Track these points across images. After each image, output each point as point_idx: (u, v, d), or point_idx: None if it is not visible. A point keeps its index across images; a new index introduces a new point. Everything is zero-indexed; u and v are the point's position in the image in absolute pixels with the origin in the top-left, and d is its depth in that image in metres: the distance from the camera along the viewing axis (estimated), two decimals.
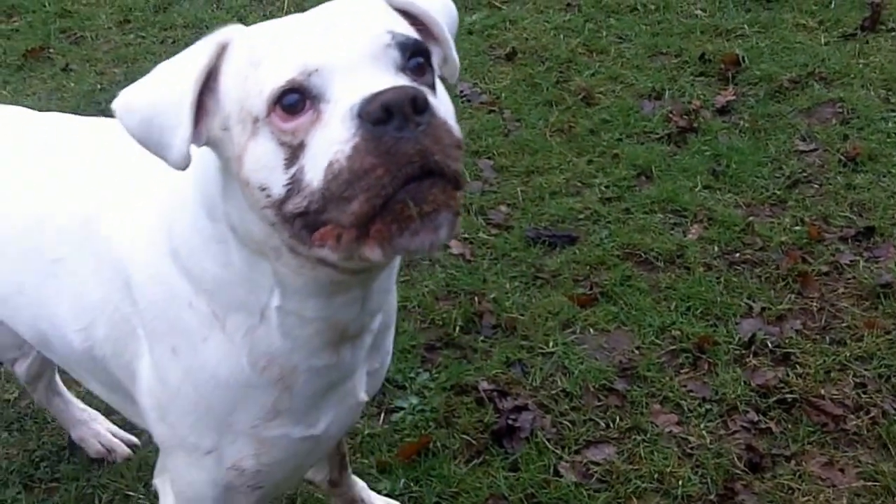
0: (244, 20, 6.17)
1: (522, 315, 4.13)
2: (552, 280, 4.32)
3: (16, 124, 2.77)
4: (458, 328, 4.08)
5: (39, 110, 2.88)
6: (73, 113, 2.86)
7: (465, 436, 3.65)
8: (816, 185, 4.86)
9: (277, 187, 1.79)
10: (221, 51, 1.89)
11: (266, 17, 6.23)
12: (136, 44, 6.27)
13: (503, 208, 4.74)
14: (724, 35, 6.06)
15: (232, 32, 1.91)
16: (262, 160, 1.81)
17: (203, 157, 2.00)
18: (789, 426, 3.70)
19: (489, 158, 5.08)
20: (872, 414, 3.74)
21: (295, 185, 1.77)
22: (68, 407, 3.64)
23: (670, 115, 5.35)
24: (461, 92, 5.55)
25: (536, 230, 4.57)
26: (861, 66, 5.71)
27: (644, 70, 5.75)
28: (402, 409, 3.74)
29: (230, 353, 2.16)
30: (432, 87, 1.88)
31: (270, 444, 2.28)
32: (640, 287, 4.27)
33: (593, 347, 4.01)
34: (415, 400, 3.76)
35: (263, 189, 1.82)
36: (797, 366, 3.93)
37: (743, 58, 5.79)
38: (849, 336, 4.06)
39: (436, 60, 1.98)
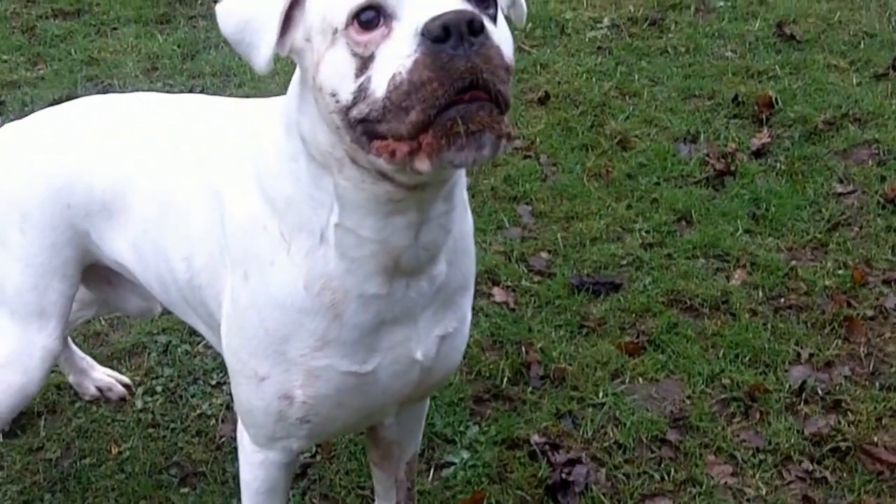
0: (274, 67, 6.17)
1: (570, 365, 4.11)
2: (598, 328, 4.30)
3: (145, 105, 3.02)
4: (505, 379, 4.05)
5: None
6: None
7: (518, 491, 3.61)
8: (856, 228, 4.84)
9: (346, 94, 1.98)
10: None
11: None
12: (164, 91, 6.23)
13: (544, 255, 4.72)
14: (756, 77, 6.05)
15: None
16: (337, 67, 2.00)
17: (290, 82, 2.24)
18: (844, 475, 3.67)
19: (527, 204, 5.07)
20: None
21: (361, 92, 1.96)
22: (72, 355, 3.88)
23: (707, 159, 5.34)
24: None
25: (580, 277, 4.55)
26: (894, 106, 5.70)
27: (678, 113, 5.74)
28: (453, 464, 3.70)
29: (290, 276, 2.31)
30: (494, 18, 2.05)
31: (317, 374, 2.40)
32: (686, 334, 4.25)
33: (643, 397, 3.99)
34: (465, 454, 3.72)
35: (334, 95, 2.00)
36: (848, 413, 3.90)
37: (776, 99, 5.78)
38: None
39: (503, 1, 2.19)
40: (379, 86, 1.93)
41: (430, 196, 2.19)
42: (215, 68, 6.40)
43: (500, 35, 2.04)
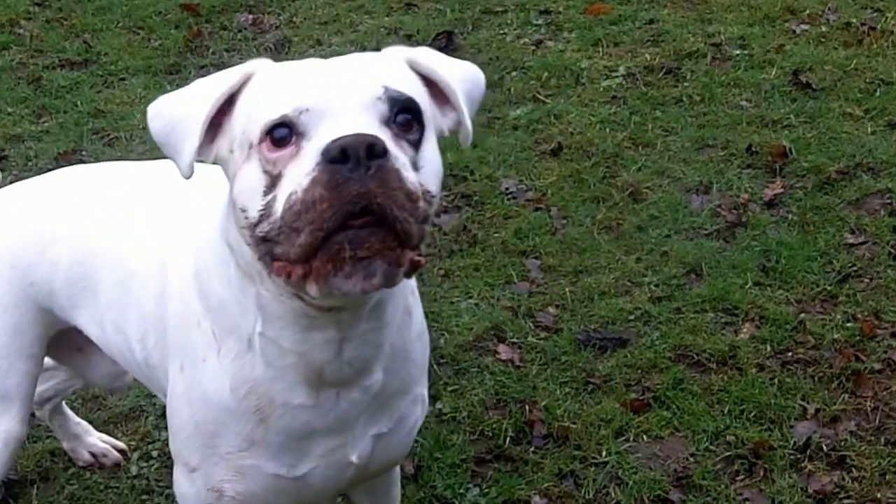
0: None
1: (574, 423, 4.10)
2: (604, 385, 4.29)
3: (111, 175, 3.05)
4: (508, 439, 4.05)
5: None
6: None
7: None
8: (867, 280, 4.82)
9: (254, 211, 1.98)
10: (246, 79, 2.11)
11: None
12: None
13: (552, 310, 4.72)
14: (771, 126, 6.04)
15: (258, 65, 2.13)
16: (248, 183, 2.00)
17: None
18: None
19: (536, 258, 5.07)
20: None
21: (266, 210, 1.96)
22: (66, 422, 3.88)
23: (719, 210, 5.33)
24: (506, 189, 5.55)
25: (587, 333, 4.55)
26: None
27: (691, 163, 5.74)
28: None
29: (219, 376, 2.33)
30: (417, 144, 2.02)
31: (244, 472, 2.41)
32: (692, 391, 4.24)
33: (647, 456, 3.98)
34: None
35: (244, 211, 2.01)
36: (853, 469, 3.89)
37: (790, 149, 5.76)
38: None
39: (445, 123, 2.20)
40: (280, 204, 1.94)
41: (347, 317, 2.18)
42: None
43: (425, 160, 2.03)
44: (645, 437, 4.06)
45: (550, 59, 6.84)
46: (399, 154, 1.95)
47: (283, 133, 1.96)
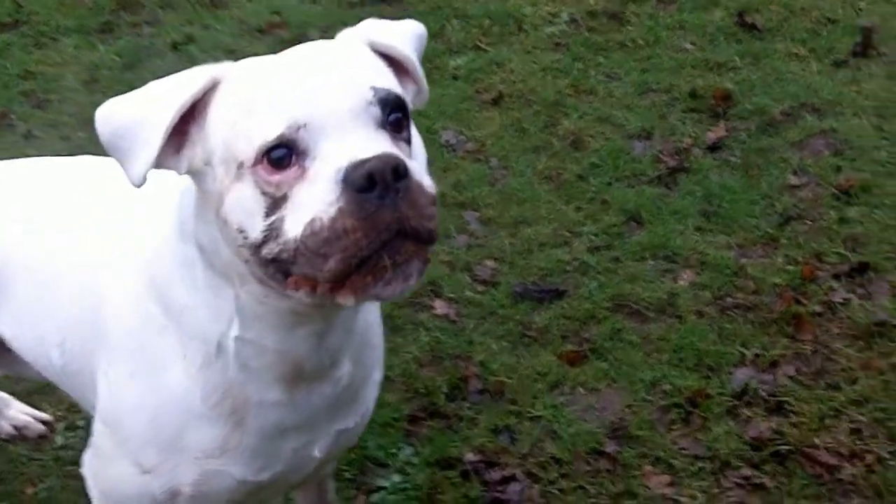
0: None
1: (510, 378, 4.05)
2: (540, 338, 4.24)
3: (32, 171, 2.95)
4: (443, 396, 4.00)
5: None
6: None
7: None
8: (809, 222, 4.78)
9: (255, 232, 1.90)
10: (212, 85, 1.98)
11: None
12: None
13: (490, 263, 4.65)
14: (715, 69, 5.96)
15: (225, 70, 2.00)
16: (244, 204, 1.91)
17: (179, 181, 2.11)
18: (784, 480, 3.63)
19: (475, 210, 4.99)
20: (868, 461, 3.67)
21: (272, 232, 1.88)
22: None
23: (661, 156, 5.27)
24: (446, 141, 5.47)
25: (524, 285, 4.49)
26: (854, 94, 5.62)
27: (634, 109, 5.66)
28: (383, 488, 3.64)
29: (186, 384, 2.25)
30: (409, 140, 2.01)
31: (211, 476, 2.34)
32: (630, 340, 4.20)
33: (583, 408, 3.94)
34: (397, 478, 3.67)
35: (241, 231, 1.92)
36: (791, 414, 3.86)
37: (734, 92, 5.70)
38: (843, 379, 3.99)
39: (409, 97, 2.12)
40: (292, 227, 1.86)
41: (339, 311, 2.15)
42: (159, 77, 6.20)
43: (419, 159, 2.06)
44: (581, 389, 4.02)
45: (492, 6, 6.72)
46: (414, 166, 1.91)
47: (281, 153, 1.87)
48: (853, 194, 4.89)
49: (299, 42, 2.08)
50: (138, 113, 1.99)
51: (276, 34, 6.54)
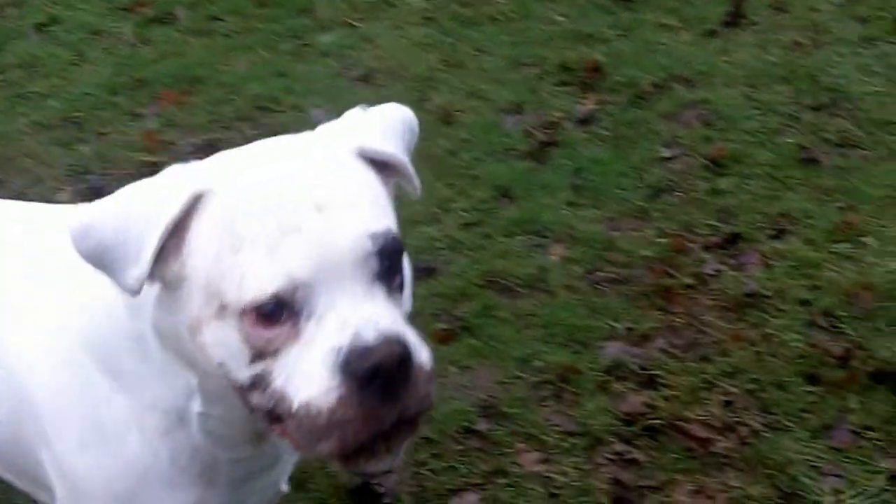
0: (83, 55, 5.99)
1: None
2: (412, 317, 4.15)
3: None
4: None
5: None
6: None
7: (321, 498, 3.49)
8: (680, 193, 4.76)
9: (239, 374, 1.80)
10: (195, 200, 1.81)
11: (106, 52, 6.03)
12: None
13: None
14: (586, 41, 5.92)
15: (207, 182, 1.81)
16: (225, 345, 1.79)
17: None
18: (656, 454, 3.61)
19: None
20: (741, 433, 3.67)
21: (260, 382, 1.79)
22: None
23: (531, 130, 5.22)
24: (316, 120, 5.28)
25: None
26: (724, 64, 5.62)
27: (505, 83, 5.61)
28: None
29: (149, 453, 2.12)
30: (402, 285, 1.89)
31: None
32: (501, 317, 4.15)
33: (454, 387, 3.87)
34: None
35: (222, 366, 1.82)
36: (663, 388, 3.85)
37: (604, 64, 5.66)
38: (715, 351, 3.98)
39: (389, 188, 2.01)
40: (287, 391, 1.77)
41: None
42: (22, 59, 5.99)
43: (405, 295, 1.92)
44: (453, 367, 3.95)
45: None
46: (413, 343, 1.82)
47: (272, 308, 1.74)
48: (724, 165, 4.89)
49: (164, 22, 1.91)
50: (120, 233, 1.82)
51: (142, 13, 6.37)
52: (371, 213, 1.85)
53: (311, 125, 4.79)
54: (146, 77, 5.79)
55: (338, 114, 2.01)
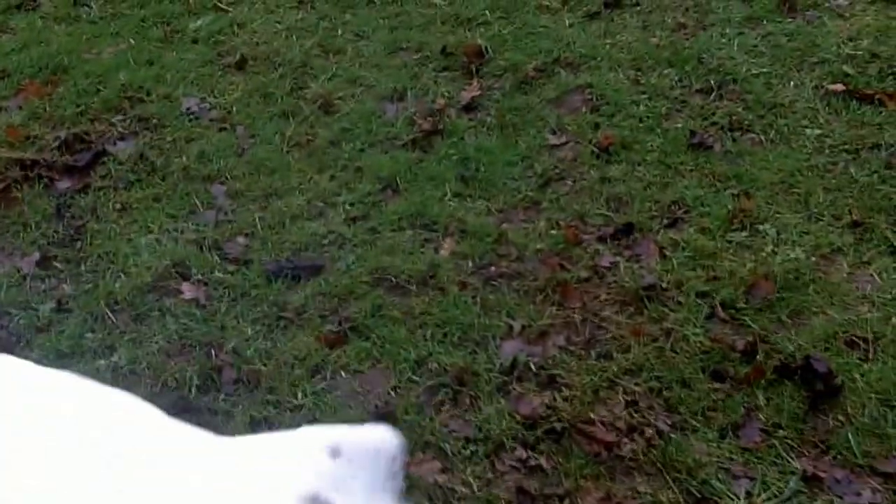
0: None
1: (266, 365, 3.78)
2: (297, 319, 3.97)
3: None
4: (194, 388, 3.70)
5: None
6: None
7: None
8: (570, 182, 4.61)
9: None
10: None
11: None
12: None
13: (241, 240, 4.35)
14: (466, 25, 5.74)
15: None
16: None
17: None
18: (560, 460, 3.45)
19: (222, 183, 4.68)
20: (647, 435, 3.52)
21: None
22: None
23: (414, 118, 5.03)
24: (188, 109, 5.14)
25: (278, 262, 4.21)
26: (608, 46, 5.47)
27: (384, 69, 5.41)
28: None
29: None
30: None
31: None
32: (392, 316, 3.96)
33: (346, 393, 3.69)
34: None
35: None
36: (563, 388, 3.69)
37: (486, 48, 5.49)
38: (615, 348, 3.83)
39: None
40: None
41: None
42: None
43: None
44: (343, 372, 3.77)
45: None
46: None
47: None
48: (613, 152, 4.74)
49: (27, 8, 1.70)
50: None
51: None
52: None
53: (184, 114, 4.62)
54: (7, 67, 5.50)
55: (213, 103, 1.76)
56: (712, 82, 5.17)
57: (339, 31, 5.76)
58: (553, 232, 4.33)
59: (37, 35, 5.80)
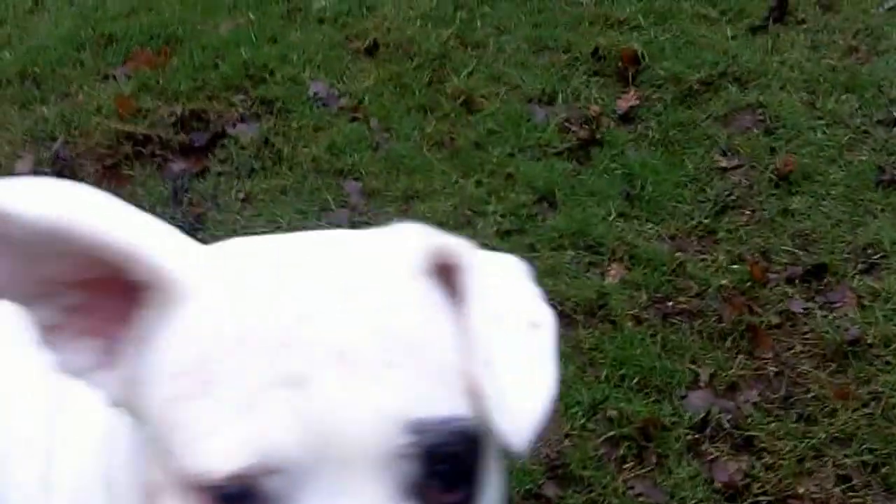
0: (40, 2, 5.34)
1: None
2: None
3: None
4: None
5: None
6: None
7: None
8: (749, 212, 4.08)
9: None
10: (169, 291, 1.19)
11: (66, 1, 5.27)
12: None
13: None
14: (617, 27, 5.21)
15: (193, 272, 1.20)
16: None
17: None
18: None
19: (356, 179, 4.18)
20: None
21: None
22: None
23: (567, 124, 4.50)
24: (315, 94, 4.64)
25: None
26: (777, 64, 4.93)
27: (530, 68, 4.88)
28: None
29: None
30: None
31: None
32: (560, 350, 3.41)
33: None
34: None
35: None
36: (764, 453, 3.17)
37: (642, 54, 4.95)
38: (818, 411, 3.31)
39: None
40: None
41: None
42: None
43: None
44: None
45: None
46: None
47: (232, 493, 1.12)
48: (793, 181, 4.21)
49: None
50: None
51: None
52: (423, 384, 1.17)
53: (311, 100, 4.09)
54: (115, 33, 5.01)
55: (342, 90, 1.25)
56: (895, 114, 4.62)
57: (478, 23, 5.23)
58: (735, 267, 3.80)
59: (145, 1, 5.31)
